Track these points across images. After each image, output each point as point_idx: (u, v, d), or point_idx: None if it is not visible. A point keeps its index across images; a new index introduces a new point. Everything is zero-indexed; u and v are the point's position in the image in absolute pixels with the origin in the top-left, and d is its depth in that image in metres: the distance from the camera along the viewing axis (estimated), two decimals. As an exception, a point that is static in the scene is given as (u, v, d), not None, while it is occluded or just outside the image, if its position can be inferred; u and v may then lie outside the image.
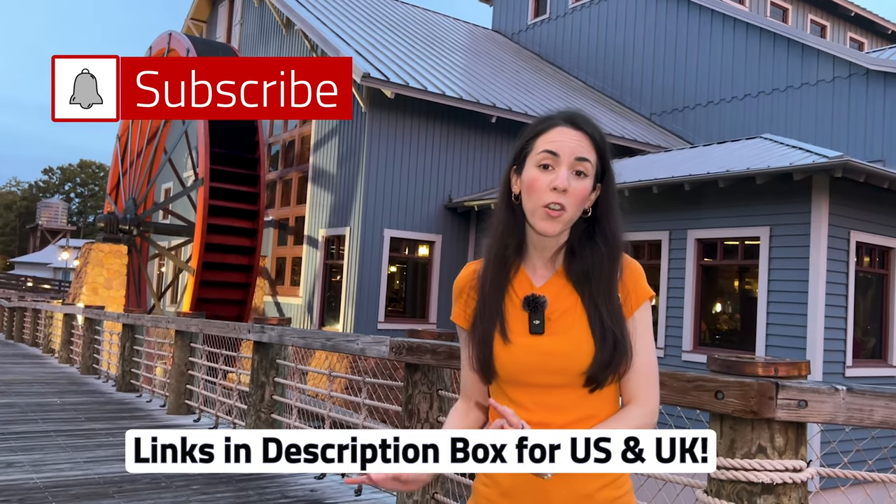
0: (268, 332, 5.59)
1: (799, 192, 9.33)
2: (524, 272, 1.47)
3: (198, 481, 4.70)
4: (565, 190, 1.37)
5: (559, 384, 1.39)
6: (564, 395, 1.39)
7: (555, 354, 1.38)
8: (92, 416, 7.16)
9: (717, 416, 2.09)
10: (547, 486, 1.36)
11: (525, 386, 1.40)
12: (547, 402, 1.39)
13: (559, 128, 1.42)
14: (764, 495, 1.99)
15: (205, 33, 22.72)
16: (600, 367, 1.37)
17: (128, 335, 9.23)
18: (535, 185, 1.39)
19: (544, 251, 1.46)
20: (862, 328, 9.82)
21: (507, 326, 1.41)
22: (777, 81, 15.82)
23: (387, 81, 13.03)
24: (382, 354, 3.97)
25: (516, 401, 1.40)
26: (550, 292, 1.43)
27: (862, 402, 1.95)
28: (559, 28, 21.54)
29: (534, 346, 1.39)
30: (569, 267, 1.44)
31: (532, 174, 1.40)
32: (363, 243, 13.40)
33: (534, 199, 1.39)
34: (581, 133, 1.42)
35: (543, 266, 1.47)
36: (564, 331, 1.40)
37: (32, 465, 4.95)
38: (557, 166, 1.39)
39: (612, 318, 1.39)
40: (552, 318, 1.41)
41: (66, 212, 69.59)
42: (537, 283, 1.45)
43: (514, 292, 1.45)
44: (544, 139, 1.42)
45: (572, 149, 1.40)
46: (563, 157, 1.39)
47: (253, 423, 5.68)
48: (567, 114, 1.45)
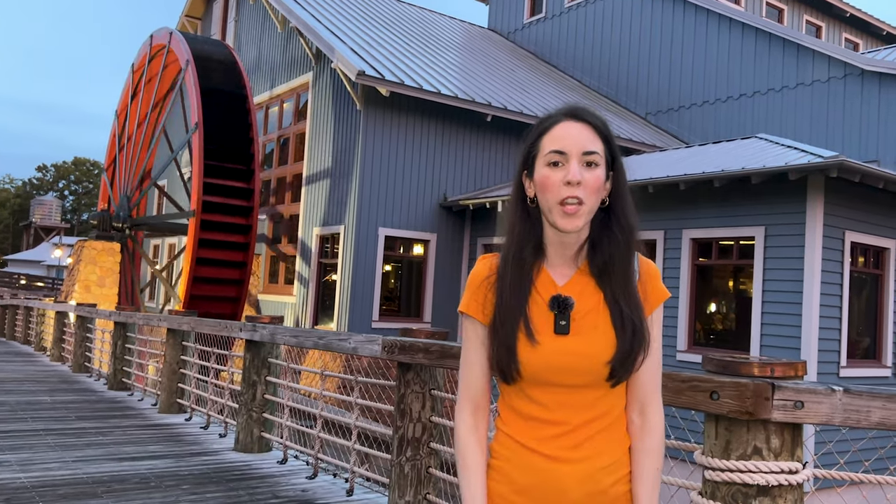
0: (260, 330, 5.55)
1: (794, 192, 9.32)
2: (546, 272, 1.46)
3: (188, 481, 4.66)
4: (579, 182, 1.38)
5: (583, 384, 1.40)
6: (585, 393, 1.41)
7: (581, 355, 1.39)
8: (82, 414, 7.10)
9: (712, 416, 2.06)
10: (563, 484, 1.38)
11: (548, 385, 1.41)
12: (568, 401, 1.41)
13: (562, 123, 1.43)
14: (759, 497, 1.96)
15: (199, 30, 22.64)
16: (622, 358, 1.39)
17: (120, 333, 9.17)
18: (547, 183, 1.40)
19: (565, 249, 1.46)
20: (856, 328, 9.82)
21: (533, 327, 1.40)
22: (772, 81, 15.83)
23: (382, 79, 12.98)
24: (375, 353, 3.93)
25: (537, 400, 1.42)
26: (574, 291, 1.44)
27: (859, 402, 1.92)
28: (555, 27, 21.53)
29: (560, 347, 1.40)
30: (592, 260, 1.45)
31: (543, 173, 1.41)
32: (358, 242, 13.35)
33: (549, 197, 1.40)
34: (584, 124, 1.43)
35: (565, 264, 1.47)
36: (589, 331, 1.40)
37: (20, 464, 4.90)
38: (567, 162, 1.40)
39: (631, 308, 1.41)
40: (576, 318, 1.42)
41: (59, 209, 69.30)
42: (560, 282, 1.45)
43: (538, 293, 1.44)
44: (549, 137, 1.43)
45: (579, 143, 1.40)
46: (571, 151, 1.40)
47: (244, 423, 5.64)
48: (568, 108, 1.46)
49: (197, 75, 14.65)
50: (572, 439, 1.39)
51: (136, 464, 5.06)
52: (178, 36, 15.93)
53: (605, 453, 1.41)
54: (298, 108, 16.50)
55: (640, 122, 18.12)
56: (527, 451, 1.41)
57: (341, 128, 14.17)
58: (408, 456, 3.72)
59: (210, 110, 14.44)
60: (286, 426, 5.34)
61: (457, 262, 14.36)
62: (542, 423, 1.41)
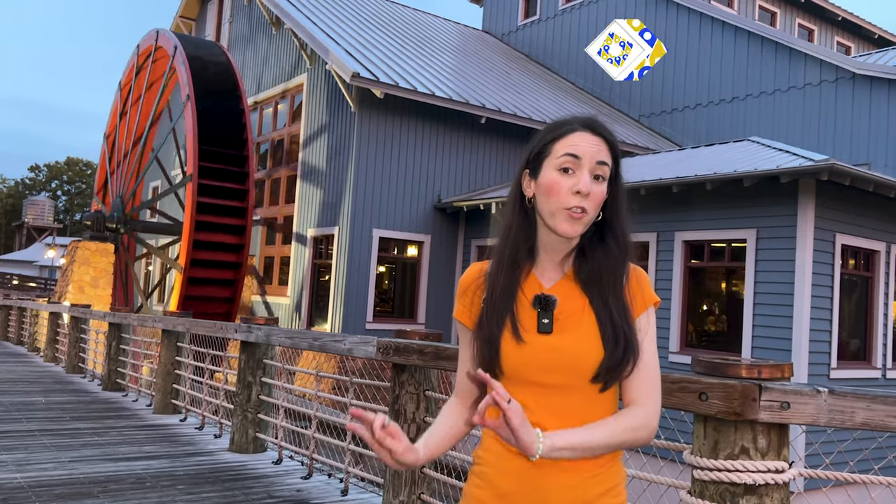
0: (255, 331, 5.57)
1: (785, 195, 9.39)
2: (533, 274, 1.47)
3: (183, 481, 4.68)
4: (588, 194, 1.39)
5: (565, 384, 1.39)
6: (568, 397, 1.39)
7: (562, 351, 1.38)
8: (77, 415, 7.11)
9: (700, 417, 2.10)
10: (546, 492, 1.36)
11: (530, 385, 1.40)
12: (550, 404, 1.39)
13: (579, 133, 1.43)
14: (747, 496, 2.00)
15: (194, 31, 22.62)
16: (611, 365, 1.37)
17: (114, 334, 9.18)
18: (555, 189, 1.40)
19: (555, 254, 1.47)
20: (847, 330, 9.90)
21: (520, 325, 1.41)
22: (764, 84, 15.92)
23: (376, 81, 13.02)
24: (370, 355, 3.97)
25: (521, 402, 1.37)
26: (560, 294, 1.44)
27: (843, 403, 1.96)
28: (549, 29, 21.59)
29: (542, 344, 1.39)
30: (579, 269, 1.45)
31: (552, 177, 1.41)
32: (352, 243, 13.38)
33: (554, 201, 1.40)
34: (600, 138, 1.44)
35: (553, 269, 1.47)
36: (572, 329, 1.40)
37: (16, 464, 4.92)
38: (579, 170, 1.40)
39: (621, 316, 1.41)
40: (560, 318, 1.41)
41: (52, 209, 68.95)
42: (546, 285, 1.46)
43: (524, 294, 1.45)
44: (564, 143, 1.43)
45: (593, 153, 1.41)
46: (584, 160, 1.41)
47: (240, 424, 5.67)
48: (585, 119, 1.46)
49: (191, 76, 14.65)
50: None
51: (132, 464, 5.09)
52: (170, 37, 15.92)
53: (592, 463, 1.38)
54: (293, 110, 16.51)
55: (633, 124, 18.20)
56: (511, 455, 1.39)
57: (335, 129, 14.20)
58: (402, 456, 3.74)
59: (204, 112, 14.44)
60: (281, 427, 5.37)
61: (451, 264, 14.40)
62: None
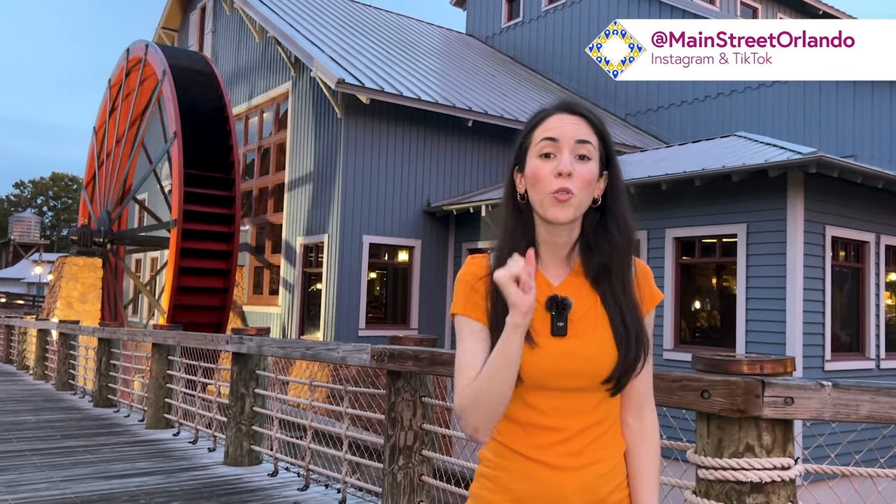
0: (246, 342, 5.51)
1: (774, 189, 9.41)
2: (539, 272, 1.40)
3: (178, 497, 4.61)
4: (570, 174, 1.33)
5: (580, 387, 1.36)
6: (582, 398, 1.37)
7: (580, 357, 1.35)
8: (69, 433, 7.01)
9: (703, 415, 2.07)
10: (564, 492, 1.34)
11: (545, 390, 1.36)
12: (564, 406, 1.36)
13: (555, 116, 1.39)
14: (753, 494, 1.97)
15: (177, 42, 22.51)
16: (625, 369, 1.36)
17: (104, 349, 9.07)
18: (538, 175, 1.36)
19: (557, 249, 1.41)
20: (839, 322, 9.92)
21: (532, 329, 1.33)
22: (749, 79, 15.98)
23: (362, 87, 12.97)
24: (364, 362, 3.92)
25: (534, 405, 1.36)
26: (569, 291, 1.38)
27: (847, 397, 1.93)
28: (533, 31, 21.62)
29: (558, 349, 1.35)
30: (587, 262, 1.41)
31: (534, 164, 1.37)
32: (342, 250, 13.31)
33: (539, 189, 1.36)
34: (578, 117, 1.39)
35: (557, 265, 1.42)
36: (587, 332, 1.36)
37: (6, 485, 4.83)
38: (559, 152, 1.35)
39: (632, 316, 1.38)
40: (574, 319, 1.37)
41: (38, 226, 68.45)
42: (554, 283, 1.40)
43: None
44: (541, 129, 1.39)
45: (572, 132, 1.36)
46: (563, 141, 1.36)
47: (234, 436, 5.59)
48: (562, 102, 1.42)
49: (174, 87, 14.57)
50: (572, 446, 1.35)
51: (126, 481, 5.01)
52: (154, 49, 15.84)
53: (603, 460, 1.38)
54: (278, 118, 16.44)
55: (620, 123, 18.24)
56: (524, 460, 1.36)
57: (322, 136, 14.14)
58: (400, 464, 3.70)
59: (188, 121, 14.36)
60: (276, 438, 5.31)
61: (442, 268, 14.36)
62: (541, 429, 1.36)
